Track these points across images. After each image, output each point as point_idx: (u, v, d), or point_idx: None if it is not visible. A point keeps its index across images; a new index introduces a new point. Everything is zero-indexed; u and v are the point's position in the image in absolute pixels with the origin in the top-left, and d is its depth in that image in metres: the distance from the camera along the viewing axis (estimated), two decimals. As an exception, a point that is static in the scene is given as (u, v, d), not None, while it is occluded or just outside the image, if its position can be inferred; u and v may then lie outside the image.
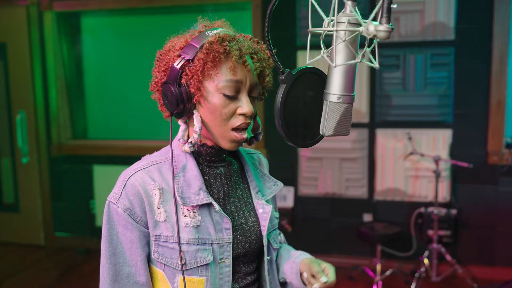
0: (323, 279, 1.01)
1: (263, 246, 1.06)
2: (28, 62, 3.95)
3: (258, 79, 0.99)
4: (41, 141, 4.02)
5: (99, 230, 3.98)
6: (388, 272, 3.22)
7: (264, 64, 1.00)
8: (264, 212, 1.06)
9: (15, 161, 4.12)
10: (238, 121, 0.95)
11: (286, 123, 0.86)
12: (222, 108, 0.94)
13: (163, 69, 0.98)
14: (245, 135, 0.98)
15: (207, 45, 0.93)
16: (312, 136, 0.92)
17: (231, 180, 1.05)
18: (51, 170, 4.06)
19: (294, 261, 1.11)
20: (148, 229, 0.96)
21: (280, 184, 1.13)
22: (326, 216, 3.56)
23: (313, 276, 1.04)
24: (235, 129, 0.97)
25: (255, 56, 0.98)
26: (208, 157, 1.02)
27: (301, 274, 1.08)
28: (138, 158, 1.04)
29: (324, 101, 0.82)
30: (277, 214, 1.14)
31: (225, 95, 0.93)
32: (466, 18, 3.18)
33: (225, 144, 0.98)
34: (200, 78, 0.92)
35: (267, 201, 1.09)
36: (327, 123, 0.82)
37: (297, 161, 3.54)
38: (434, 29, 3.21)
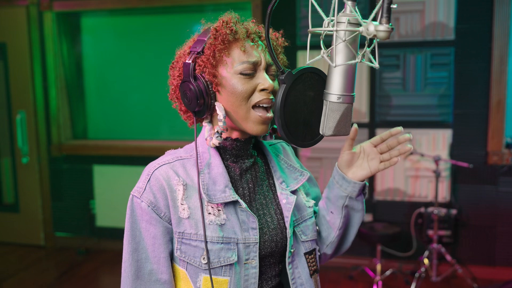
0: (399, 128, 1.02)
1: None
2: (28, 62, 3.94)
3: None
4: (41, 141, 4.02)
5: (99, 230, 3.99)
6: (388, 272, 3.21)
7: (274, 43, 1.00)
8: (288, 202, 1.01)
9: (15, 161, 4.12)
10: (260, 96, 0.93)
11: (286, 123, 0.86)
12: (242, 86, 0.92)
13: (177, 74, 0.98)
14: (270, 114, 0.95)
15: (214, 31, 0.93)
16: (312, 136, 0.92)
17: (256, 176, 1.03)
18: (51, 170, 4.06)
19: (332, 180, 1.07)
20: (172, 225, 0.94)
21: (306, 173, 1.08)
22: (326, 216, 3.56)
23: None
24: (258, 107, 0.94)
25: (263, 35, 0.97)
26: (234, 151, 0.99)
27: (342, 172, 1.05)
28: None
29: (324, 101, 0.82)
30: (309, 203, 1.08)
31: (242, 74, 0.92)
32: (466, 18, 3.18)
33: (252, 128, 0.94)
34: (213, 62, 0.92)
35: (293, 191, 1.05)
36: (327, 123, 0.82)
37: (297, 161, 3.53)
38: (434, 29, 3.21)
